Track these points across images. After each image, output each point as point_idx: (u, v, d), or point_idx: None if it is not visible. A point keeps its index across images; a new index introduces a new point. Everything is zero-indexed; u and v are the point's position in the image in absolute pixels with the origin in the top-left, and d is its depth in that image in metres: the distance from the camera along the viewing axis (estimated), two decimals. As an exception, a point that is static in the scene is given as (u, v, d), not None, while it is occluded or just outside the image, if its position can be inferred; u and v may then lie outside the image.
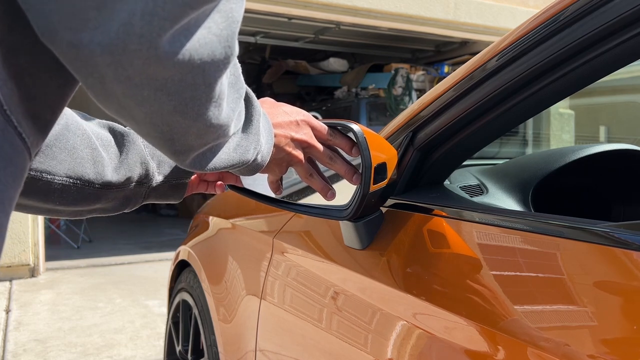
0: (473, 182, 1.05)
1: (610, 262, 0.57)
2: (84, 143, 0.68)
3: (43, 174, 0.64)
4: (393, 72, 6.91)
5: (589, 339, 0.54)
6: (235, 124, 0.56)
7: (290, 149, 0.75)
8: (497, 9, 5.92)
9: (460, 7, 5.66)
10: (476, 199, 0.97)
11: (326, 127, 0.80)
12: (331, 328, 0.92)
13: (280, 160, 0.76)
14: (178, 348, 1.83)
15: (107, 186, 0.70)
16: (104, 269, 4.65)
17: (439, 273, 0.75)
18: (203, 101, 0.46)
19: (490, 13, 5.88)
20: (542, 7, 0.72)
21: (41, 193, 0.65)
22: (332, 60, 7.62)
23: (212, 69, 0.44)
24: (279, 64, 7.83)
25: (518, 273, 0.66)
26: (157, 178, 0.77)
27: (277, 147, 0.73)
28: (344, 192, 0.83)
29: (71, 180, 0.67)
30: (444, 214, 0.80)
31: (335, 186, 0.84)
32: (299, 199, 1.00)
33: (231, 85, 0.53)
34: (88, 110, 0.74)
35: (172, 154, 0.53)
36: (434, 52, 7.42)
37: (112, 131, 0.74)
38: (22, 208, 0.67)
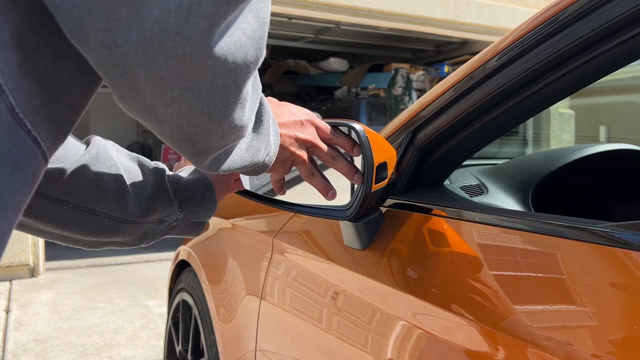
0: (473, 182, 1.05)
1: (610, 262, 0.57)
2: (111, 175, 0.67)
3: (66, 202, 0.63)
4: (393, 72, 6.91)
5: (589, 339, 0.54)
6: (251, 124, 0.56)
7: (294, 148, 0.75)
8: (497, 8, 5.92)
9: (460, 7, 5.66)
10: (476, 199, 0.97)
11: (329, 127, 0.80)
12: (331, 328, 0.92)
13: (284, 160, 0.76)
14: (178, 348, 1.83)
15: (127, 221, 0.69)
16: (104, 269, 4.65)
17: (439, 273, 0.75)
18: (230, 103, 0.46)
19: (490, 13, 5.88)
20: (542, 7, 0.72)
21: (60, 220, 0.64)
22: (332, 60, 7.62)
23: (243, 71, 0.44)
24: (279, 64, 7.82)
25: (518, 273, 0.66)
26: (178, 216, 0.76)
27: (282, 147, 0.73)
28: (341, 192, 0.83)
29: (92, 211, 0.66)
30: (444, 214, 0.80)
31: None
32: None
33: (251, 84, 0.53)
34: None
35: (192, 155, 0.52)
36: (434, 52, 7.42)
37: (141, 165, 0.73)
38: (39, 233, 0.66)
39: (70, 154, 0.65)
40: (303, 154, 0.77)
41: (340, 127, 0.81)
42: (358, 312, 0.86)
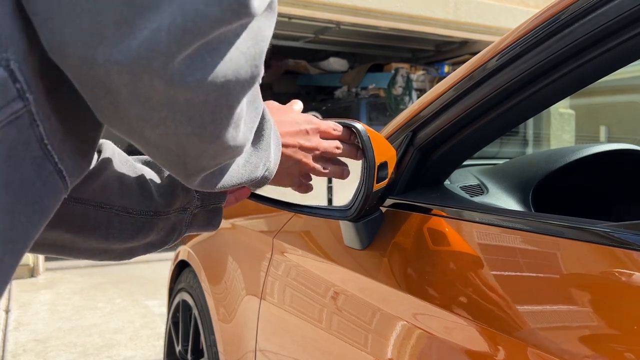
0: (473, 182, 1.05)
1: (610, 262, 0.57)
2: (129, 170, 0.66)
3: (103, 205, 0.62)
4: (393, 71, 6.91)
5: (589, 339, 0.54)
6: (249, 142, 0.53)
7: (300, 156, 0.73)
8: (498, 8, 5.92)
9: (460, 6, 5.65)
10: (476, 199, 0.97)
11: (331, 126, 0.78)
12: (331, 328, 0.92)
13: (289, 169, 0.74)
14: (178, 348, 1.83)
15: (158, 213, 0.68)
16: (104, 269, 4.64)
17: (439, 273, 0.75)
18: (223, 123, 0.43)
19: (491, 13, 5.88)
20: (542, 7, 0.72)
21: (103, 228, 0.62)
22: (332, 60, 7.62)
23: (236, 89, 0.41)
24: (278, 64, 7.82)
25: (518, 273, 0.66)
26: (197, 203, 0.73)
27: (286, 156, 0.71)
28: (339, 192, 0.83)
29: (126, 210, 0.64)
30: (444, 214, 0.80)
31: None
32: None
33: (250, 103, 0.50)
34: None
35: (183, 177, 0.50)
36: (434, 51, 7.42)
37: (147, 162, 0.72)
38: (78, 252, 0.64)
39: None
40: (309, 162, 0.75)
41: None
42: (358, 312, 0.86)
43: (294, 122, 0.73)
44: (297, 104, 0.81)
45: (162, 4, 0.35)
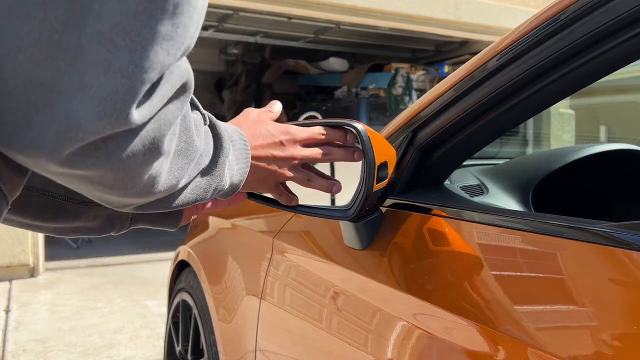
0: (473, 182, 1.05)
1: (610, 262, 0.57)
2: None
3: None
4: (393, 71, 6.90)
5: (589, 339, 0.54)
6: (187, 179, 0.54)
7: (275, 167, 0.74)
8: (498, 9, 5.92)
9: (460, 7, 5.66)
10: (476, 199, 0.97)
11: (316, 131, 0.78)
12: (331, 328, 0.92)
13: (266, 179, 0.75)
14: (178, 348, 1.83)
15: (87, 202, 0.66)
16: (104, 269, 4.65)
17: (439, 273, 0.75)
18: (129, 187, 0.45)
19: (491, 13, 5.88)
20: (542, 7, 0.72)
21: (17, 205, 0.62)
22: (332, 60, 7.62)
23: (133, 166, 0.43)
24: (279, 64, 7.82)
25: (518, 273, 0.66)
26: None
27: (258, 168, 0.72)
28: (343, 192, 0.83)
29: (47, 193, 0.64)
30: (444, 214, 0.80)
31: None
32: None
33: (179, 153, 0.50)
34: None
35: (115, 208, 0.52)
36: (434, 51, 7.42)
37: None
38: (3, 221, 0.63)
39: None
40: (285, 172, 0.75)
41: (338, 127, 0.81)
42: (358, 312, 0.86)
43: (268, 134, 0.73)
44: (277, 105, 0.80)
45: (54, 107, 0.38)
